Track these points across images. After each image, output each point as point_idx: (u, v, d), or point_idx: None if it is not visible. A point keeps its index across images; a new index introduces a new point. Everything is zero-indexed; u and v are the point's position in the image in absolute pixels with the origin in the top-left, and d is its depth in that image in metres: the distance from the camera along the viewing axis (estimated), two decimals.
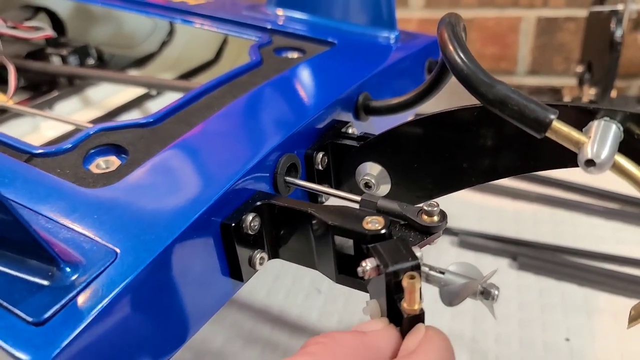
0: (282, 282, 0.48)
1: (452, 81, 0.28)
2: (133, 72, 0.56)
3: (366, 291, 0.26)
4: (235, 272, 0.27)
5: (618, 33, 0.58)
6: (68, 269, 0.22)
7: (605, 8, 0.60)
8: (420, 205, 0.26)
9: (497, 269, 0.29)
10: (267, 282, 0.48)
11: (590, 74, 0.66)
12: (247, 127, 0.31)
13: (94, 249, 0.23)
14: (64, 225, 0.24)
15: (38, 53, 0.54)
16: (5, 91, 0.45)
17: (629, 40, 0.73)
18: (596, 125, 0.23)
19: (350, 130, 0.33)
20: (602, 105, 0.24)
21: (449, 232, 0.52)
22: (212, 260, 0.26)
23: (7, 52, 0.50)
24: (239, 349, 0.42)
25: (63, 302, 0.21)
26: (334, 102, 0.34)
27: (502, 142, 0.27)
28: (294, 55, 0.41)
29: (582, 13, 0.77)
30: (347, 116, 0.36)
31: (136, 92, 0.50)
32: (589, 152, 0.22)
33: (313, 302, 0.45)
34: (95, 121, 0.45)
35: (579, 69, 0.69)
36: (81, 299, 0.21)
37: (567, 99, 0.75)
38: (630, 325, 0.26)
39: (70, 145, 0.30)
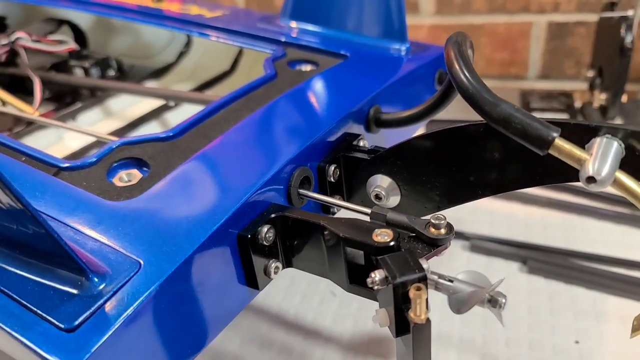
0: (297, 287, 0.49)
1: None
2: (151, 83, 0.58)
3: (376, 300, 0.27)
4: (251, 280, 0.29)
5: (628, 39, 0.59)
6: (96, 279, 0.24)
7: (615, 14, 0.61)
8: (428, 218, 0.27)
9: (505, 278, 0.30)
10: (283, 286, 0.49)
11: (601, 78, 0.67)
12: (263, 141, 0.33)
13: (119, 260, 0.25)
14: (91, 237, 0.26)
15: (61, 65, 0.56)
16: (31, 102, 0.47)
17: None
18: (598, 143, 0.24)
19: (361, 143, 0.34)
20: (604, 122, 0.25)
21: (461, 236, 0.53)
22: (229, 269, 0.28)
23: (32, 64, 0.52)
24: (254, 352, 0.43)
25: (92, 310, 0.23)
26: (346, 115, 0.35)
27: (508, 156, 0.28)
28: (307, 68, 0.43)
29: (592, 18, 0.77)
30: (358, 128, 0.37)
31: (155, 103, 0.51)
32: (590, 169, 0.23)
33: (327, 306, 0.47)
34: (116, 132, 0.47)
35: (590, 73, 0.69)
36: (108, 307, 0.23)
37: (578, 103, 0.75)
38: (634, 335, 0.27)
39: (94, 159, 0.32)
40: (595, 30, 0.69)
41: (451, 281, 0.29)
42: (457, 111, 0.37)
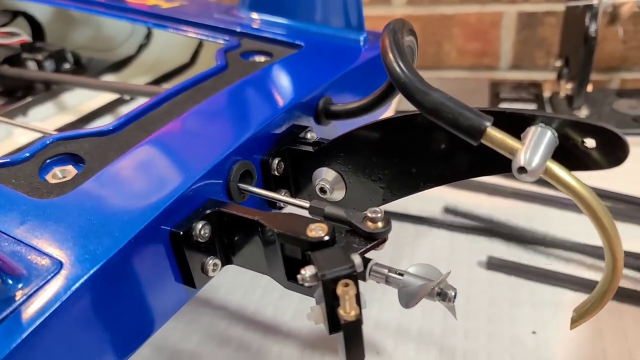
0: (258, 282, 0.48)
1: None
2: (110, 76, 0.56)
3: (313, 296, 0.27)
4: (187, 279, 0.28)
5: (592, 28, 0.58)
6: (10, 281, 0.23)
7: (580, 3, 0.60)
8: (365, 212, 0.26)
9: (451, 271, 0.29)
10: (244, 282, 0.49)
11: (568, 68, 0.67)
12: (204, 134, 0.32)
13: (38, 261, 0.24)
14: (11, 237, 0.24)
15: (14, 58, 0.54)
16: None
17: (609, 33, 0.73)
18: (532, 132, 0.23)
19: (308, 135, 0.34)
20: (539, 112, 0.24)
21: (425, 221, 0.53)
22: (163, 267, 0.27)
23: None
24: (212, 350, 0.42)
25: (4, 314, 0.22)
26: (293, 106, 0.34)
27: (450, 147, 0.27)
28: (262, 59, 0.42)
29: (561, 7, 0.77)
30: (307, 120, 0.36)
31: (110, 97, 0.50)
32: (521, 159, 0.22)
33: (287, 301, 0.46)
34: (66, 127, 0.46)
35: (558, 63, 0.69)
36: (24, 311, 0.22)
37: (547, 93, 0.75)
38: (573, 326, 0.27)
39: (27, 155, 0.30)
40: (562, 20, 0.69)
41: (401, 275, 0.28)
42: None
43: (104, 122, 0.49)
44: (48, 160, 0.30)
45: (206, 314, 0.46)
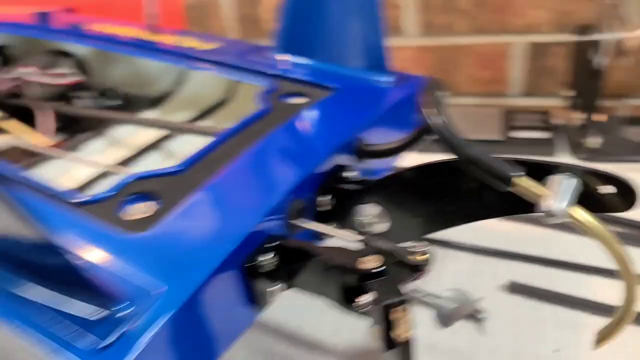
0: (298, 301, 0.52)
1: None
2: (150, 112, 0.61)
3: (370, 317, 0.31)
4: (255, 301, 0.32)
5: (598, 62, 0.63)
6: (118, 307, 0.27)
7: (586, 38, 0.65)
8: (412, 245, 0.30)
9: (483, 297, 0.33)
10: (287, 302, 0.52)
11: (578, 98, 0.71)
12: (262, 174, 0.36)
13: (140, 288, 0.28)
14: (111, 268, 0.29)
15: (62, 96, 0.59)
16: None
17: (616, 64, 0.77)
18: (557, 180, 0.27)
19: (351, 174, 0.38)
20: (561, 162, 0.28)
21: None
22: (236, 292, 0.31)
23: (36, 96, 0.55)
24: None
25: (116, 334, 0.26)
26: (337, 147, 0.38)
27: (481, 190, 0.32)
28: (298, 100, 0.46)
29: (570, 38, 0.81)
30: (347, 159, 0.40)
31: (155, 132, 0.54)
32: (548, 204, 0.26)
33: (327, 318, 0.50)
34: (122, 162, 0.50)
35: (567, 93, 0.73)
36: (133, 330, 0.26)
37: (557, 121, 0.79)
38: (597, 346, 0.31)
39: (110, 194, 0.35)
40: (572, 52, 0.73)
41: (438, 298, 0.32)
42: None
43: (155, 156, 0.53)
44: (128, 198, 0.34)
45: (251, 332, 0.50)
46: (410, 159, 0.42)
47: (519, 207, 0.31)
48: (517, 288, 0.51)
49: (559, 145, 0.74)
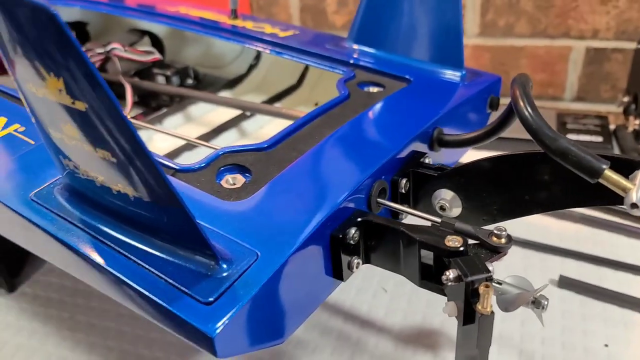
0: (352, 282, 0.55)
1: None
2: (225, 93, 0.64)
3: (443, 294, 0.33)
4: (337, 273, 0.34)
5: None
6: (224, 265, 0.29)
7: None
8: (491, 228, 0.32)
9: (548, 284, 0.35)
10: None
11: (636, 105, 0.71)
12: (347, 156, 0.38)
13: (240, 251, 0.30)
14: (214, 230, 0.31)
15: (144, 72, 0.62)
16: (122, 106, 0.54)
17: None
18: None
19: (427, 160, 0.40)
20: None
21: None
22: (321, 262, 0.33)
23: (120, 71, 0.59)
24: (316, 337, 0.49)
25: (222, 289, 0.28)
26: (416, 134, 0.40)
27: (559, 181, 0.33)
28: (375, 89, 0.48)
29: (630, 45, 0.82)
30: (422, 147, 0.42)
31: (230, 112, 0.57)
32: (634, 197, 0.28)
33: (380, 300, 0.52)
34: (202, 137, 0.53)
35: (625, 99, 0.74)
36: (236, 288, 0.29)
37: (612, 126, 0.80)
38: None
39: (204, 164, 0.38)
40: (632, 59, 0.74)
41: (500, 283, 0.34)
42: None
43: (232, 134, 0.56)
44: (221, 169, 0.37)
45: None
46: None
47: (595, 199, 0.33)
48: (566, 283, 0.53)
49: (613, 150, 0.75)
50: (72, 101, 0.25)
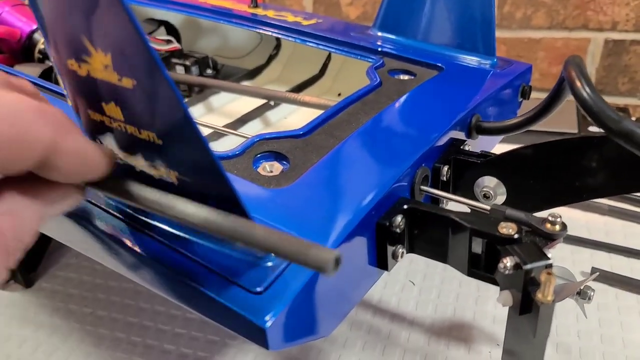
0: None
1: None
2: (245, 84, 0.62)
3: (492, 283, 0.32)
4: (382, 262, 0.33)
5: None
6: (268, 255, 0.28)
7: None
8: (544, 215, 0.31)
9: (598, 273, 0.34)
10: None
11: None
12: (388, 142, 0.37)
13: None
14: (259, 218, 0.30)
15: (163, 62, 0.61)
16: None
17: None
18: None
19: (467, 148, 0.39)
20: None
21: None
22: (367, 251, 0.32)
23: None
24: (345, 331, 0.48)
25: (272, 279, 0.27)
26: (455, 122, 0.39)
27: (607, 167, 0.32)
28: (405, 77, 0.47)
29: None
30: (461, 135, 0.41)
31: (253, 101, 0.56)
32: None
33: (409, 293, 0.51)
34: (227, 126, 0.52)
35: None
36: (285, 278, 0.27)
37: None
38: None
39: (240, 151, 0.36)
40: None
41: None
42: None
43: (257, 123, 0.54)
44: (258, 156, 0.36)
45: None
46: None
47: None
48: (599, 275, 0.52)
49: None
50: (119, 77, 0.24)
